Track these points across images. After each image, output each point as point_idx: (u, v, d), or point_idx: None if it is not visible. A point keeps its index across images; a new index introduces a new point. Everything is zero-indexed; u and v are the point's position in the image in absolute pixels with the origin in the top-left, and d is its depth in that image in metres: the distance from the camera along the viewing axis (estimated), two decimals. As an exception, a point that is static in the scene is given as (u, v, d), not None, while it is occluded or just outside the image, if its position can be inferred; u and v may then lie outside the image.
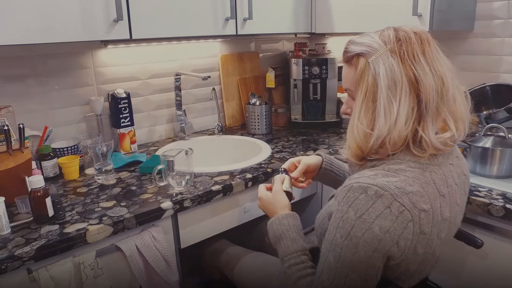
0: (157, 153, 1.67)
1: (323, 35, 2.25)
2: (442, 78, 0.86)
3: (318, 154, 1.29)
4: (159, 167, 1.27)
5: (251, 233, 1.61)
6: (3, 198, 1.05)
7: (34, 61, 1.49)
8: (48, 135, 1.47)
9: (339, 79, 2.11)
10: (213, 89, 1.82)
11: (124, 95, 1.65)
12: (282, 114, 2.08)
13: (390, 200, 0.79)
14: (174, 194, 1.27)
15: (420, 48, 0.86)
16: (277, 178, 1.18)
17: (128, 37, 1.33)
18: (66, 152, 1.52)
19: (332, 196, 1.10)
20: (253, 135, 1.92)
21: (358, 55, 0.89)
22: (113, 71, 1.69)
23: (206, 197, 1.31)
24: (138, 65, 1.75)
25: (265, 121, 1.93)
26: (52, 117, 1.57)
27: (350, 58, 0.92)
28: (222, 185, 1.34)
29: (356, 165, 0.95)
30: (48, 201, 1.11)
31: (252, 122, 1.93)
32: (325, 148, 1.72)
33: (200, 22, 1.51)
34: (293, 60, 2.01)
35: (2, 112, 1.28)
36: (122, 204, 1.22)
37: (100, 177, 1.41)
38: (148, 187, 1.34)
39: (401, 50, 0.85)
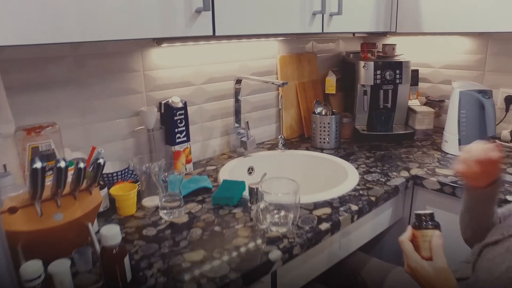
0: (221, 175, 1.36)
1: (385, 34, 1.98)
2: None
3: None
4: (261, 205, 0.97)
5: (340, 270, 1.31)
6: (68, 262, 0.73)
7: (73, 63, 1.16)
8: (97, 158, 1.14)
9: (412, 84, 1.84)
10: (281, 96, 1.52)
11: (180, 105, 1.34)
12: (347, 124, 1.79)
13: None
14: (277, 238, 0.97)
15: None
16: (435, 241, 0.83)
17: (211, 33, 1.02)
18: (115, 178, 1.20)
19: None
20: (321, 150, 1.63)
21: None
22: (165, 75, 1.37)
23: (315, 240, 1.01)
24: (193, 68, 1.44)
25: (335, 134, 1.64)
26: (93, 132, 1.24)
27: None
28: (330, 223, 1.05)
29: None
30: (127, 261, 0.79)
31: (320, 134, 1.64)
32: (417, 167, 1.44)
33: (287, 17, 1.21)
34: (361, 63, 1.72)
35: (46, 131, 0.95)
36: (215, 255, 0.91)
37: (165, 211, 1.09)
38: (236, 226, 1.04)
39: None
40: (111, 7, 0.85)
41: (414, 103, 1.89)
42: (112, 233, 0.76)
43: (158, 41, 1.28)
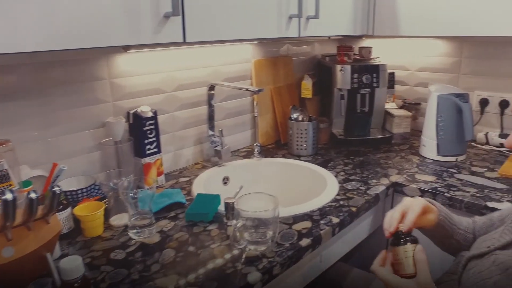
0: (195, 187, 1.29)
1: (360, 37, 1.95)
2: None
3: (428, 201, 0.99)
4: (239, 224, 0.91)
5: (321, 283, 1.27)
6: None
7: (31, 72, 1.06)
8: (58, 176, 1.05)
9: (388, 87, 1.82)
10: (256, 103, 1.46)
11: (150, 114, 1.26)
12: (324, 129, 1.75)
13: None
14: (256, 258, 0.92)
15: None
16: (419, 256, 0.80)
17: (181, 39, 0.95)
18: (80, 196, 1.11)
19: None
20: (298, 157, 1.58)
21: None
22: (133, 82, 1.29)
23: (295, 257, 0.96)
24: (163, 74, 1.36)
25: (313, 140, 1.60)
26: (55, 146, 1.15)
27: None
28: (311, 238, 1.00)
29: None
30: (92, 293, 0.72)
31: (297, 141, 1.59)
32: (396, 174, 1.41)
33: (263, 21, 1.15)
34: (338, 67, 1.68)
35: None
36: (190, 279, 0.84)
37: (135, 231, 1.02)
38: (212, 246, 0.97)
39: None
40: (71, 13, 0.77)
41: (390, 106, 1.87)
42: (73, 266, 0.68)
43: (125, 47, 1.20)
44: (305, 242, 0.99)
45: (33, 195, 0.62)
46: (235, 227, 0.90)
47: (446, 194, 1.24)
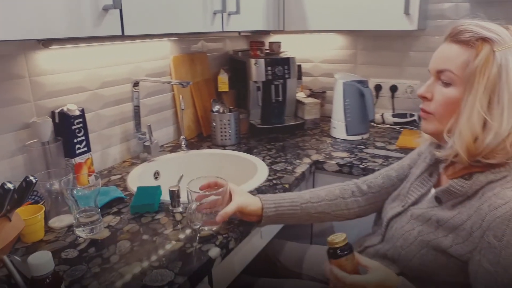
0: (131, 183, 1.29)
1: (268, 32, 2.10)
2: None
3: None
4: (193, 206, 0.95)
5: (260, 259, 1.36)
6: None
7: None
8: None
9: (298, 78, 1.99)
10: (182, 97, 1.49)
11: (77, 112, 1.22)
12: (243, 120, 1.85)
13: None
14: (211, 236, 0.97)
15: None
16: (360, 257, 0.86)
17: (120, 32, 0.96)
18: (11, 201, 1.04)
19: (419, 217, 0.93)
20: (224, 147, 1.66)
21: (484, 39, 0.78)
22: (56, 80, 1.23)
23: (246, 232, 1.04)
24: (86, 72, 1.32)
25: (235, 130, 1.69)
26: (-27, 152, 1.06)
27: (472, 40, 0.80)
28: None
29: (461, 171, 0.84)
30: None
31: (221, 131, 1.66)
32: (315, 154, 1.57)
33: (192, 17, 1.20)
34: (253, 61, 1.80)
35: None
36: (154, 264, 0.87)
37: (82, 229, 1.00)
38: (165, 232, 1.00)
39: None
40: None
41: (300, 95, 2.04)
42: (43, 261, 0.66)
43: (45, 43, 1.15)
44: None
45: (9, 185, 0.59)
46: (190, 209, 0.95)
47: (360, 166, 1.43)
